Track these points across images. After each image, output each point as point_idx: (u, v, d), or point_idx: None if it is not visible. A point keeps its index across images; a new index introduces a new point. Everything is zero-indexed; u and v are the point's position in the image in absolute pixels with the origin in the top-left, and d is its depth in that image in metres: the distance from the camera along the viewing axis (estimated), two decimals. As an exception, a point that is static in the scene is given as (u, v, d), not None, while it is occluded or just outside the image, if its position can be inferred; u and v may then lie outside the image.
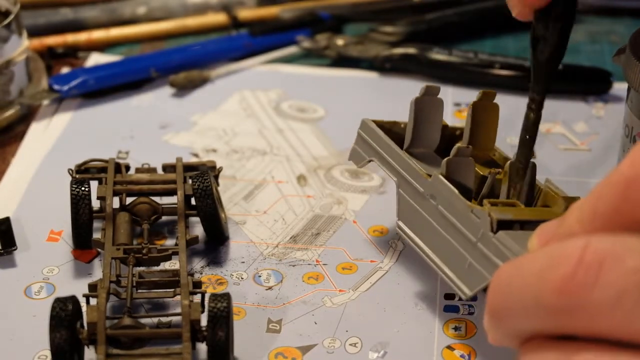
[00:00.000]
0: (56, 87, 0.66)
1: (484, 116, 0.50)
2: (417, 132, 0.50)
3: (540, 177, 0.48)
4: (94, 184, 0.52)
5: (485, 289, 0.42)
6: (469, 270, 0.44)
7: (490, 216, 0.43)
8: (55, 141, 0.62)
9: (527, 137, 0.46)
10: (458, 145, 0.47)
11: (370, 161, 0.50)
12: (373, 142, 0.50)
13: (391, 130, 0.51)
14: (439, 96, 0.50)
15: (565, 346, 0.31)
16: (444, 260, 0.45)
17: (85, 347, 0.43)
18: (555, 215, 0.44)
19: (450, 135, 0.52)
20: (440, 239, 0.46)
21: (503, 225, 0.43)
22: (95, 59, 0.71)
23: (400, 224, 0.48)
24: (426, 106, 0.50)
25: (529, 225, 0.43)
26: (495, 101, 0.50)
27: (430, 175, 0.47)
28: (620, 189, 0.31)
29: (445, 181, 0.46)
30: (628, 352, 0.30)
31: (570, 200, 0.46)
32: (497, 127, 0.51)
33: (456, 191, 0.45)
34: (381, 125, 0.51)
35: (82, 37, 0.73)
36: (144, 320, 0.45)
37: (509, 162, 0.47)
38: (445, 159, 0.46)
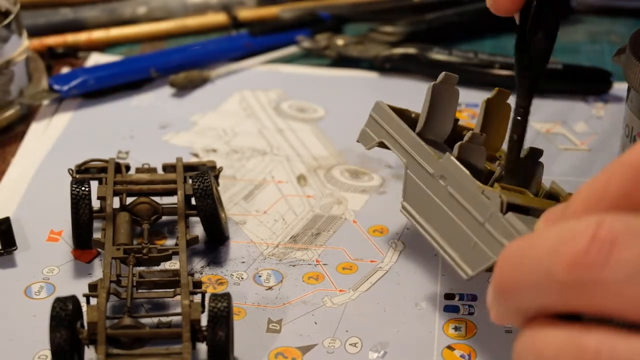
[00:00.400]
0: (56, 87, 0.66)
1: (495, 114, 0.50)
2: (430, 119, 0.50)
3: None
4: (94, 184, 0.52)
5: (489, 270, 0.43)
6: (474, 250, 0.44)
7: (501, 197, 0.43)
8: (55, 141, 0.62)
9: (515, 138, 0.46)
10: (472, 131, 0.47)
11: (379, 143, 0.50)
12: (385, 124, 0.50)
13: (402, 116, 0.51)
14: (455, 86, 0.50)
15: (573, 326, 0.31)
16: (448, 241, 0.45)
17: (85, 347, 0.43)
18: None
19: (458, 133, 0.52)
20: (446, 219, 0.46)
21: (512, 207, 0.43)
22: (95, 59, 0.71)
23: (405, 204, 0.48)
24: (442, 94, 0.50)
25: (536, 212, 0.43)
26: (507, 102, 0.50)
27: (441, 158, 0.47)
28: (633, 173, 0.31)
29: (457, 162, 0.46)
30: (637, 335, 0.30)
31: None
32: (507, 128, 0.51)
33: (467, 172, 0.45)
34: (393, 109, 0.51)
35: (82, 37, 0.73)
36: (144, 320, 0.45)
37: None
38: (459, 143, 0.46)
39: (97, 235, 0.50)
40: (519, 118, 0.46)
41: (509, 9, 0.46)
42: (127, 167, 0.54)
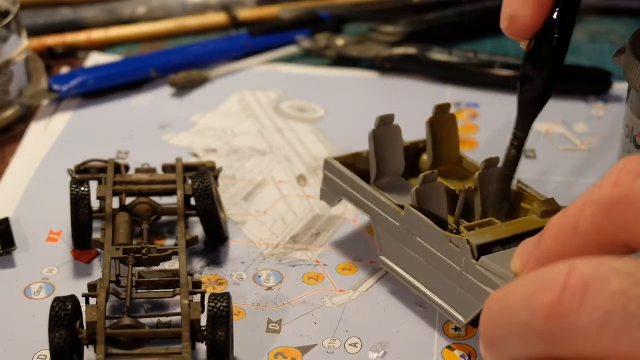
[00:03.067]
0: (56, 87, 0.66)
1: (443, 130, 0.50)
2: (381, 164, 0.49)
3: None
4: (93, 184, 0.52)
5: (478, 318, 0.42)
6: (460, 298, 0.44)
7: (470, 244, 0.43)
8: (55, 141, 0.62)
9: (507, 173, 0.46)
10: (423, 174, 0.46)
11: (341, 200, 0.50)
12: (340, 181, 0.50)
13: (355, 164, 0.50)
14: (395, 123, 0.49)
15: None
16: (434, 291, 0.45)
17: (85, 347, 0.43)
18: (531, 225, 0.44)
19: (414, 152, 0.51)
20: (426, 270, 0.46)
21: (483, 249, 0.43)
22: (95, 59, 0.71)
23: (384, 259, 0.48)
24: (385, 136, 0.49)
25: (509, 243, 0.43)
26: (451, 112, 0.50)
27: (403, 207, 0.46)
28: (605, 208, 0.31)
29: (419, 213, 0.45)
30: None
31: (544, 204, 0.45)
32: (458, 138, 0.51)
33: (431, 222, 0.45)
34: (344, 161, 0.50)
35: (81, 37, 0.73)
36: (143, 320, 0.45)
37: (477, 174, 0.47)
38: (414, 189, 0.46)
39: (96, 235, 0.50)
40: (513, 151, 0.46)
41: (526, 34, 0.45)
42: (127, 168, 0.54)
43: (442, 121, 0.50)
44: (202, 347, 0.44)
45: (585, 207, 0.32)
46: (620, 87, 0.66)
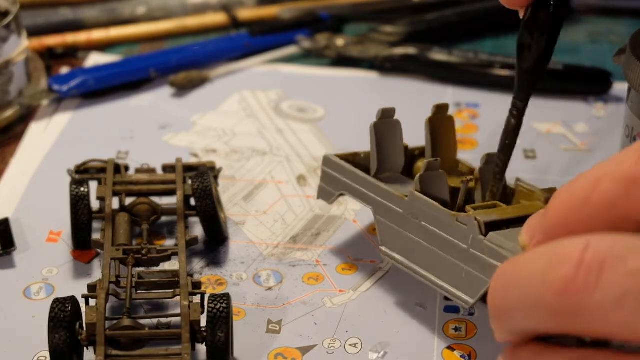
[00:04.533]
0: (56, 87, 0.66)
1: (441, 130, 0.50)
2: (381, 157, 0.49)
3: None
4: (93, 185, 0.52)
5: (486, 295, 0.42)
6: (467, 278, 0.44)
7: (477, 220, 0.43)
8: (54, 141, 0.62)
9: (507, 142, 0.46)
10: (427, 160, 0.46)
11: (340, 195, 0.50)
12: (340, 176, 0.50)
13: (353, 162, 0.50)
14: (395, 117, 0.50)
15: (569, 353, 0.31)
16: (438, 275, 0.45)
17: (85, 348, 0.43)
18: (537, 208, 0.44)
19: (410, 157, 0.51)
20: (430, 255, 0.45)
21: (491, 226, 0.43)
22: (94, 59, 0.71)
23: (385, 249, 0.48)
24: (385, 129, 0.49)
25: (514, 223, 0.43)
26: (450, 114, 0.50)
27: (406, 196, 0.46)
28: (623, 185, 0.31)
29: (423, 197, 0.45)
30: (631, 358, 0.30)
31: (547, 192, 0.45)
32: (456, 139, 0.51)
33: (436, 204, 0.45)
34: (343, 158, 0.50)
35: (81, 37, 0.73)
36: (143, 321, 0.45)
37: (478, 167, 0.47)
38: (418, 175, 0.46)
39: (96, 235, 0.50)
40: (512, 120, 0.45)
41: (521, 2, 0.45)
42: (127, 168, 0.54)
43: (440, 121, 0.50)
44: (202, 348, 0.44)
45: (600, 180, 0.32)
46: (620, 87, 0.66)
